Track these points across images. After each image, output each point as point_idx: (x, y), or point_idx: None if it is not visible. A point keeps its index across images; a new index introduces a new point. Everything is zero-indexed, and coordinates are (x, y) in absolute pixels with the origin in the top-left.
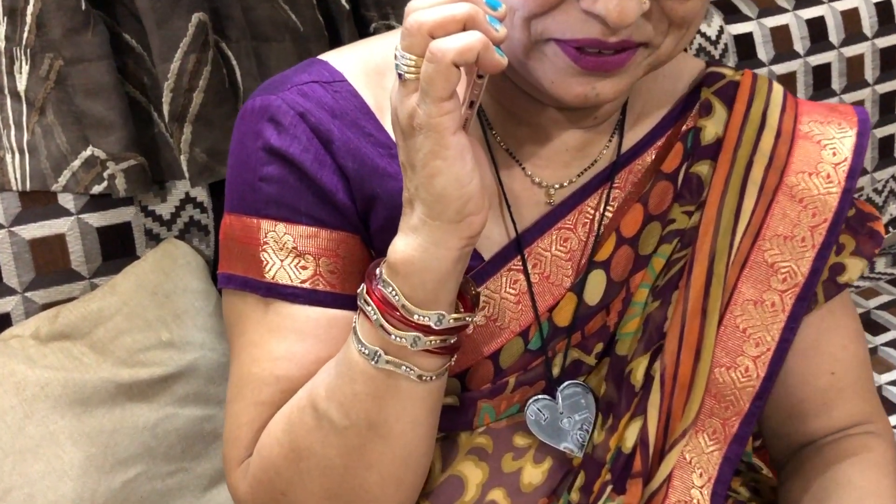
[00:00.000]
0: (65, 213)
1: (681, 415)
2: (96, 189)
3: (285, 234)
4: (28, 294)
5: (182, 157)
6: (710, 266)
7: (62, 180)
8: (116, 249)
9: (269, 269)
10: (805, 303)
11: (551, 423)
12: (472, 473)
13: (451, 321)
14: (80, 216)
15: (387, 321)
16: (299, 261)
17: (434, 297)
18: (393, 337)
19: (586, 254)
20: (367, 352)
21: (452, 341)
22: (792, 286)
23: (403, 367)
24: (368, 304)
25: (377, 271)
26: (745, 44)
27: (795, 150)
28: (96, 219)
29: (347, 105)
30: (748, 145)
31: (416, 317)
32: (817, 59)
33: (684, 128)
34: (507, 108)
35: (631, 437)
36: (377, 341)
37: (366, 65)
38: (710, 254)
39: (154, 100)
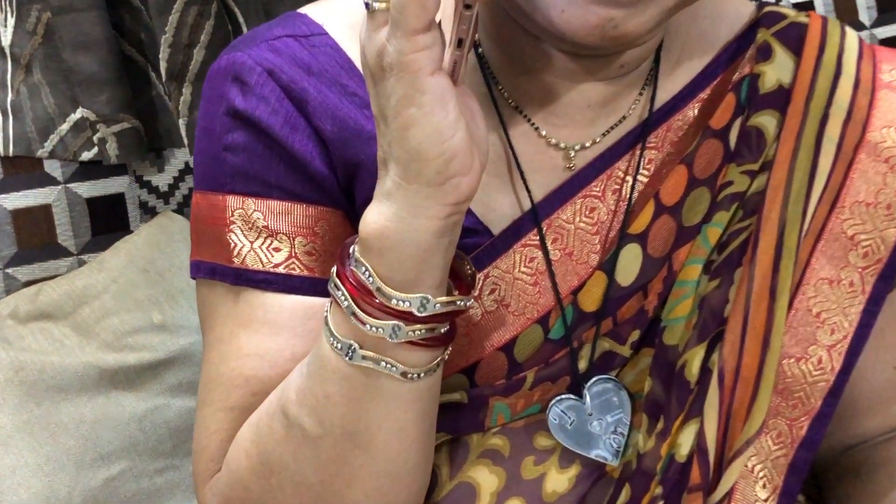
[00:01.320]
0: (51, 181)
1: (744, 416)
2: (86, 155)
3: (254, 210)
4: (9, 270)
5: (181, 121)
6: (780, 238)
7: (49, 145)
8: (107, 223)
9: (238, 253)
10: (889, 282)
11: (579, 428)
12: (486, 480)
13: (438, 306)
14: (67, 185)
15: (360, 308)
16: (271, 241)
17: (415, 277)
18: (368, 327)
19: (617, 226)
20: (339, 346)
21: (444, 330)
22: (874, 262)
23: (383, 364)
24: (339, 289)
25: (350, 250)
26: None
27: (878, 101)
28: (86, 189)
29: (327, 61)
30: (822, 96)
31: (394, 301)
32: (886, 31)
33: (736, 76)
34: (513, 56)
35: (686, 443)
36: (351, 333)
37: (350, 16)
38: (779, 223)
39: (152, 59)
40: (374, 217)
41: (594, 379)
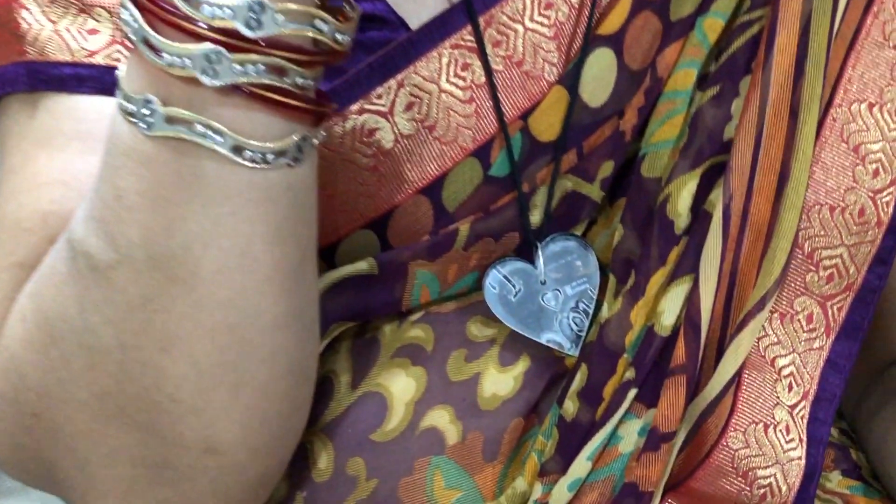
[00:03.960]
0: None
1: (755, 277)
2: None
3: None
4: None
5: None
6: (804, 38)
7: None
8: None
9: (34, 40)
10: None
11: (526, 300)
12: (401, 386)
13: (283, 19)
14: None
15: (153, 28)
16: (85, 20)
17: None
18: (167, 59)
19: (583, 27)
20: (132, 107)
21: (301, 81)
22: None
23: (199, 127)
24: (126, 9)
25: None
26: None
27: None
28: None
29: None
30: None
31: (206, 10)
32: None
33: None
34: None
35: (670, 310)
36: (148, 81)
37: None
38: (802, 14)
39: None
40: None
41: (552, 236)
